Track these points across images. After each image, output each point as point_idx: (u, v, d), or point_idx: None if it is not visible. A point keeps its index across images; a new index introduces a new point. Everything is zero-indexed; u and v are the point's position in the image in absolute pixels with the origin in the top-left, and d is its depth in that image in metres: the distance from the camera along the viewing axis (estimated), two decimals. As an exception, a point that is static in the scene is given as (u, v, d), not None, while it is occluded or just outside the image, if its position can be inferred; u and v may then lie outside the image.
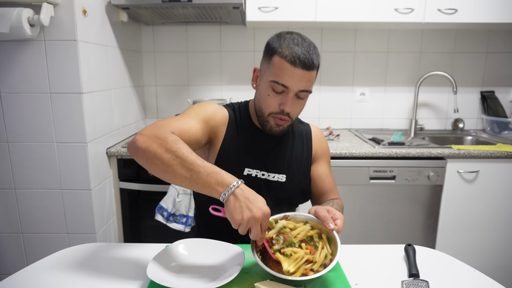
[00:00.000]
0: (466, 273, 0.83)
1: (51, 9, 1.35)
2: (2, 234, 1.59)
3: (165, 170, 0.77)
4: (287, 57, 0.89)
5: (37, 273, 0.81)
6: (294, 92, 0.93)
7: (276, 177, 1.04)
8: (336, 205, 1.01)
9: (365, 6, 1.87)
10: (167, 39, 2.24)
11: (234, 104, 1.10)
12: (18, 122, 1.47)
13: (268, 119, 0.98)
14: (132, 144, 0.81)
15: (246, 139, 1.04)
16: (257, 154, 1.04)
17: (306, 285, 0.75)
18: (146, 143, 0.79)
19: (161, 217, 1.69)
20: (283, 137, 1.08)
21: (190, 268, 0.81)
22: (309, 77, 0.92)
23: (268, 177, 1.03)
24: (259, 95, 0.99)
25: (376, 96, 2.33)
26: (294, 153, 1.08)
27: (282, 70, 0.90)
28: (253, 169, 1.02)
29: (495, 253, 1.86)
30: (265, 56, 0.97)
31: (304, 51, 0.90)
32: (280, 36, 0.94)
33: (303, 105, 1.00)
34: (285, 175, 1.05)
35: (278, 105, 0.95)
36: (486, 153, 1.73)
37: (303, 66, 0.89)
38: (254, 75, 1.02)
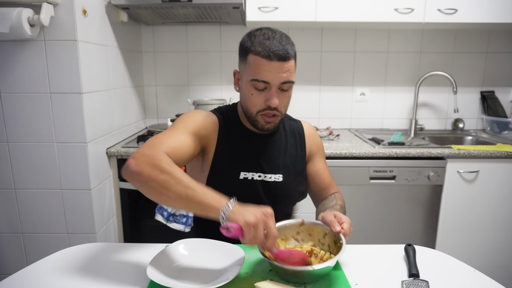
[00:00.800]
0: (466, 273, 0.83)
1: (51, 9, 1.35)
2: (2, 234, 1.59)
3: (159, 192, 0.76)
4: (260, 53, 0.89)
5: (37, 273, 0.81)
6: (276, 86, 0.92)
7: (273, 178, 1.03)
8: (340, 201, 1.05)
9: (365, 6, 1.87)
10: (167, 39, 2.24)
11: (222, 108, 1.09)
12: (18, 122, 1.47)
13: (257, 118, 0.98)
14: (126, 168, 0.80)
15: (239, 142, 1.03)
16: (252, 156, 1.03)
17: (307, 285, 0.75)
18: (139, 166, 0.78)
19: (161, 217, 1.69)
20: (276, 136, 1.07)
21: (190, 268, 0.81)
22: (288, 68, 0.91)
23: (265, 178, 1.03)
24: (243, 96, 0.99)
25: (376, 96, 2.33)
26: (288, 152, 1.07)
27: (259, 67, 0.90)
28: (249, 172, 1.01)
29: (495, 253, 1.86)
30: (240, 57, 0.97)
31: (277, 43, 0.90)
32: (251, 34, 0.94)
33: (289, 97, 0.98)
34: (282, 175, 1.05)
35: (263, 102, 0.94)
36: (486, 153, 1.73)
37: (279, 58, 0.89)
38: (235, 78, 1.02)
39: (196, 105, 2.10)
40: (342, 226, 0.82)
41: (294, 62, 0.94)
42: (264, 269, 0.81)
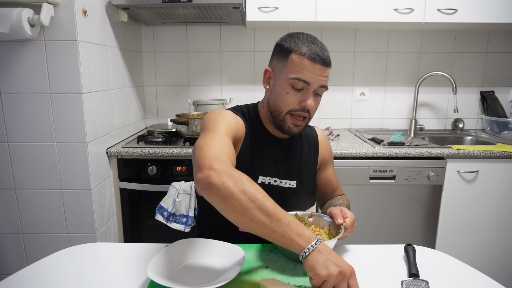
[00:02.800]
0: (466, 273, 0.83)
1: (51, 9, 1.35)
2: (2, 234, 1.59)
3: (242, 213, 0.70)
4: (306, 54, 0.91)
5: (37, 273, 0.81)
6: (314, 88, 0.93)
7: (288, 184, 1.05)
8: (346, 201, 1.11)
9: (365, 6, 1.87)
10: (167, 39, 2.24)
11: (243, 108, 1.06)
12: (18, 122, 1.47)
13: (285, 118, 0.96)
14: (206, 179, 0.71)
15: (259, 146, 1.03)
16: (269, 161, 1.03)
17: (307, 285, 0.75)
18: (220, 180, 0.70)
19: (161, 217, 1.69)
20: (293, 143, 1.08)
21: (190, 268, 0.81)
22: (327, 73, 0.94)
23: (280, 183, 1.04)
24: (275, 94, 0.97)
25: (376, 96, 2.33)
26: (303, 159, 1.09)
27: (303, 67, 0.91)
28: (266, 176, 1.02)
29: (495, 253, 1.86)
30: (279, 56, 0.96)
31: (321, 48, 0.93)
32: (293, 35, 0.96)
33: (319, 103, 1.00)
34: (296, 181, 1.06)
35: (298, 102, 0.94)
36: (486, 153, 1.73)
37: (322, 63, 0.91)
38: (266, 77, 1.00)
39: (196, 105, 2.10)
40: (345, 220, 0.88)
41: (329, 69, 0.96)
42: (264, 269, 0.81)
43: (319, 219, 0.94)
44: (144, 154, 1.69)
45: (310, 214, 0.93)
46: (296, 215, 0.93)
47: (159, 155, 1.69)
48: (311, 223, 0.94)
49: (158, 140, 1.82)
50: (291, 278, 0.78)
